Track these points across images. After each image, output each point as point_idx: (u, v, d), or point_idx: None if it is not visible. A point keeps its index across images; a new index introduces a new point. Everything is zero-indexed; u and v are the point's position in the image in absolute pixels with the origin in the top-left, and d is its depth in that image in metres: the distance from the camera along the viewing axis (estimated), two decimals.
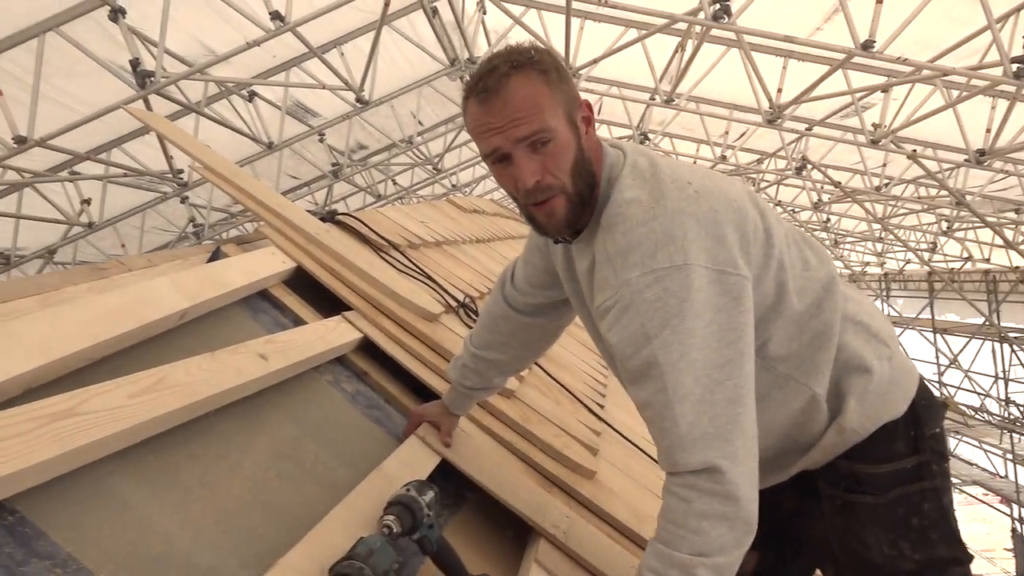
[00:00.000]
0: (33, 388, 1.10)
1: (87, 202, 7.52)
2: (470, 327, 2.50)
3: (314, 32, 6.27)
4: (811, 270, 1.35)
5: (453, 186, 12.99)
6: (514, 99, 1.19)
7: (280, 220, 2.24)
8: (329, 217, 2.56)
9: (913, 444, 1.35)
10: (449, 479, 1.71)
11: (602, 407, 2.80)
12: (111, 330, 1.24)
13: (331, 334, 1.83)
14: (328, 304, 2.06)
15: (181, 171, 7.60)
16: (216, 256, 1.96)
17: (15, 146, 5.56)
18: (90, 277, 1.57)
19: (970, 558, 1.37)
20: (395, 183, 11.92)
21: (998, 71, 5.50)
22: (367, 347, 1.99)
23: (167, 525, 1.09)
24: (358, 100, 7.31)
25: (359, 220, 2.63)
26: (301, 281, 2.10)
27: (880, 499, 1.35)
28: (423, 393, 1.97)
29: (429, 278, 2.57)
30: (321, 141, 8.97)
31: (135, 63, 5.38)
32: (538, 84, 1.21)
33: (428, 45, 7.62)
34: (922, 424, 1.36)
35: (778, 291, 1.28)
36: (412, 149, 9.95)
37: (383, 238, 2.67)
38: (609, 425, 2.63)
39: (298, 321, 1.92)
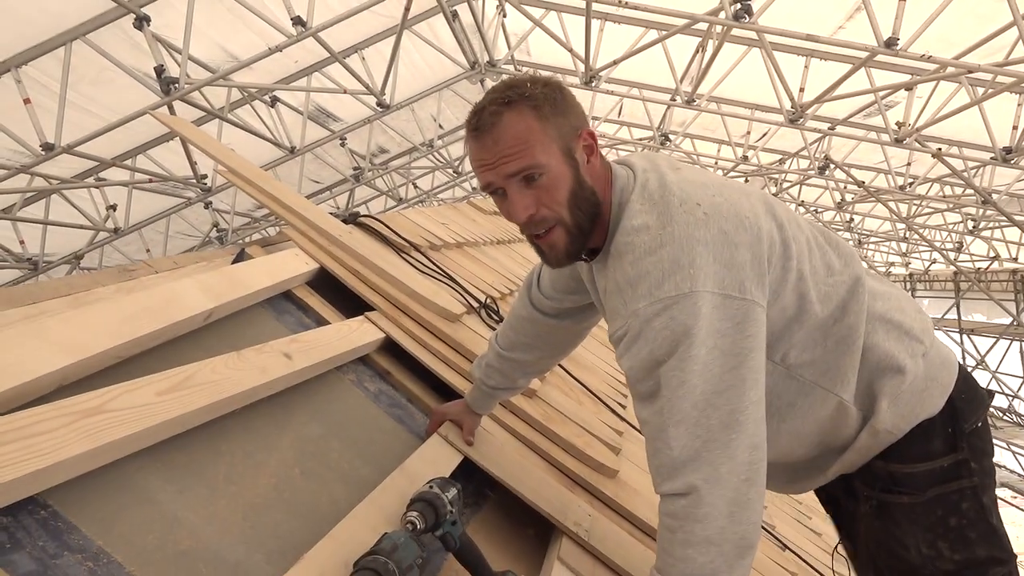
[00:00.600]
0: (64, 386, 1.12)
1: (113, 208, 7.63)
2: (491, 327, 2.51)
3: (335, 37, 6.32)
4: (835, 275, 1.33)
5: (474, 189, 13.01)
6: (504, 136, 1.22)
7: (303, 222, 2.26)
8: (351, 219, 2.58)
9: (951, 442, 1.33)
10: (471, 478, 1.72)
11: (624, 407, 2.80)
12: (139, 329, 1.26)
13: (354, 334, 1.85)
14: (351, 305, 2.08)
15: (205, 176, 7.69)
16: (240, 258, 1.98)
17: (43, 153, 5.65)
18: (118, 279, 1.59)
19: (1012, 556, 1.34)
20: (416, 186, 11.97)
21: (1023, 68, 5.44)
22: (389, 347, 2.00)
23: (194, 520, 1.10)
24: (379, 104, 7.35)
25: (380, 222, 2.65)
26: (324, 282, 2.12)
27: (917, 499, 1.33)
28: (445, 392, 1.98)
29: (450, 279, 2.58)
30: (342, 145, 9.04)
31: (159, 70, 5.46)
32: (529, 120, 1.22)
33: (448, 49, 7.66)
34: (960, 420, 1.34)
35: (799, 302, 1.27)
36: (432, 153, 9.99)
37: (404, 239, 2.68)
38: (631, 425, 2.63)
39: (321, 321, 1.94)
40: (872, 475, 1.37)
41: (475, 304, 2.55)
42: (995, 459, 1.41)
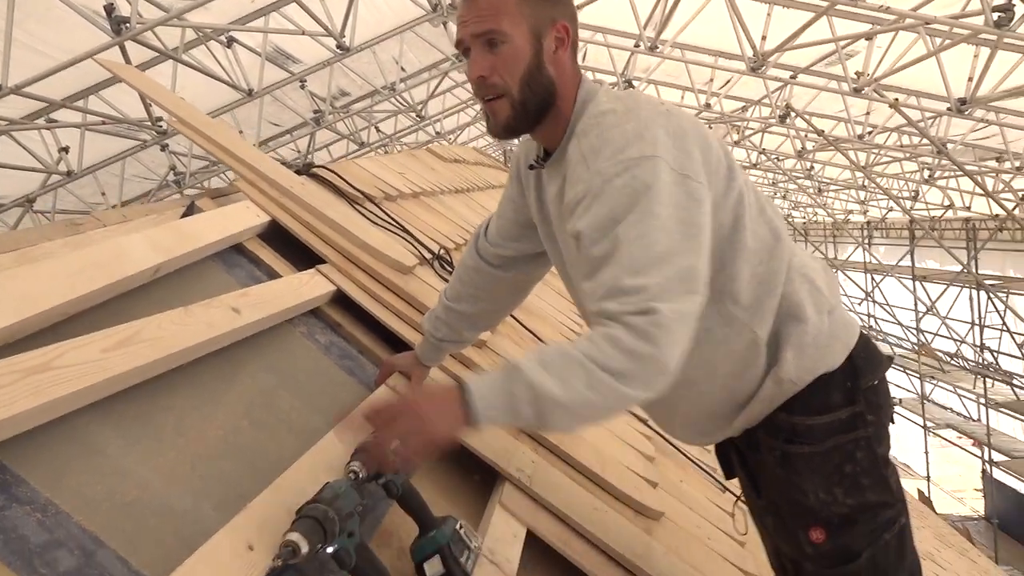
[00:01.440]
0: (11, 343, 1.15)
1: (65, 150, 7.44)
2: (444, 279, 2.55)
3: None
4: (766, 221, 1.41)
5: (437, 133, 12.89)
6: (483, 1, 1.34)
7: (255, 173, 2.26)
8: (304, 170, 2.59)
9: (850, 395, 1.40)
10: None
11: None
12: (86, 285, 1.29)
13: (304, 287, 1.88)
14: (303, 258, 2.11)
15: (160, 119, 7.52)
16: (190, 211, 1.99)
17: None
18: (65, 233, 1.60)
19: (900, 500, 1.44)
20: (378, 130, 11.82)
21: (980, 20, 5.51)
22: (341, 299, 2.04)
23: (142, 471, 1.15)
24: (339, 47, 7.22)
25: (334, 172, 2.65)
26: (276, 235, 2.14)
27: (816, 448, 1.40)
28: (396, 344, 2.03)
29: (404, 230, 2.61)
30: (302, 88, 8.87)
31: (109, 8, 5.30)
32: None
33: None
34: (859, 376, 1.41)
35: (735, 223, 1.35)
36: (395, 96, 9.86)
37: (358, 190, 2.70)
38: None
39: (272, 275, 1.97)
40: (776, 427, 1.44)
41: (428, 256, 2.58)
42: (943, 402, 1.48)
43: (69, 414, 1.10)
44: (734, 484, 1.79)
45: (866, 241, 17.45)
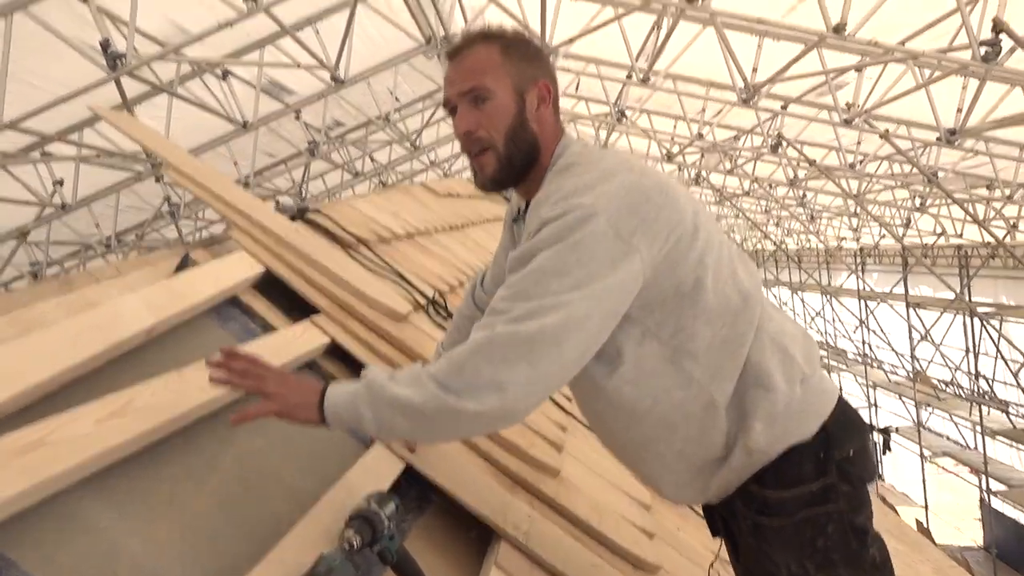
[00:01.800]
0: (7, 415, 1.14)
1: (60, 183, 7.45)
2: (439, 325, 2.55)
3: (288, 9, 6.22)
4: (737, 283, 1.40)
5: (432, 162, 12.95)
6: (468, 61, 1.43)
7: (248, 221, 2.27)
8: (299, 214, 2.59)
9: (822, 466, 1.37)
10: (413, 482, 1.76)
11: (569, 400, 2.87)
12: (80, 354, 1.28)
13: (299, 340, 1.87)
14: (297, 305, 2.10)
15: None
16: (185, 263, 1.99)
17: None
18: (58, 291, 1.59)
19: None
20: (372, 160, 11.87)
21: (967, 54, 5.57)
22: (335, 350, 2.03)
23: (134, 546, 1.14)
24: (333, 79, 7.26)
25: (328, 217, 2.66)
26: (270, 282, 2.13)
27: (786, 521, 1.37)
28: None
29: (399, 275, 2.61)
30: (297, 119, 8.91)
31: (105, 44, 5.31)
32: (493, 53, 1.43)
33: (403, 23, 7.57)
34: (832, 446, 1.38)
35: (696, 285, 1.34)
36: (389, 126, 9.90)
37: (352, 234, 2.70)
38: (575, 418, 2.70)
39: (267, 326, 1.96)
40: (749, 496, 1.42)
41: (423, 301, 2.58)
42: (939, 430, 1.43)
43: (61, 491, 1.08)
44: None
45: (859, 268, 17.52)
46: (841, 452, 1.39)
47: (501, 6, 6.70)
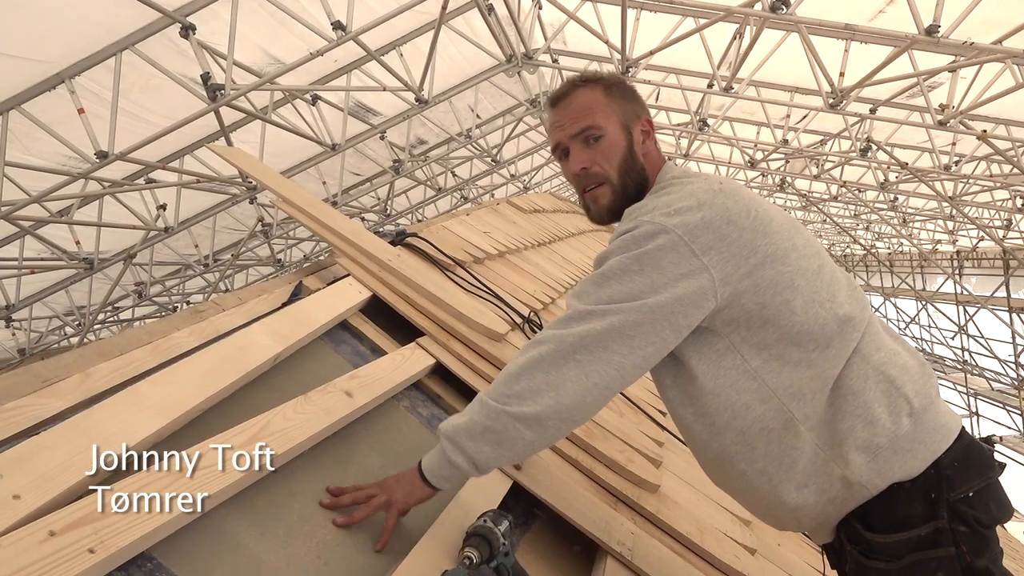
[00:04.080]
0: (159, 441, 1.25)
1: (163, 207, 7.87)
2: None
3: (373, 34, 6.43)
4: (836, 306, 1.40)
5: (512, 175, 13.09)
6: (574, 104, 1.54)
7: (354, 248, 2.37)
8: (398, 239, 2.69)
9: (932, 508, 1.31)
10: (520, 498, 1.83)
11: (664, 414, 2.88)
12: (219, 383, 1.39)
13: (407, 363, 1.96)
14: (401, 328, 2.20)
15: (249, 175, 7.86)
16: (298, 290, 2.10)
17: (97, 161, 5.86)
18: (191, 321, 1.72)
19: None
20: (454, 175, 12.08)
21: None
22: (439, 370, 2.11)
23: (276, 562, 1.23)
24: (417, 99, 7.46)
25: (426, 241, 2.75)
26: (376, 307, 2.23)
27: (892, 565, 1.32)
28: None
29: (494, 295, 2.69)
30: (382, 139, 9.16)
31: (206, 77, 5.61)
32: (597, 94, 1.53)
33: (484, 42, 7.72)
34: (944, 488, 1.32)
35: (782, 306, 1.36)
36: (470, 142, 10.08)
37: (449, 256, 2.79)
38: (671, 433, 2.71)
39: (375, 349, 2.06)
40: (854, 534, 1.39)
41: (519, 320, 2.65)
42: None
43: (211, 510, 1.18)
44: None
45: (957, 272, 16.82)
46: (955, 493, 1.32)
47: (580, 22, 6.75)
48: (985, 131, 6.93)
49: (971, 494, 1.33)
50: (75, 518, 0.98)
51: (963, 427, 1.44)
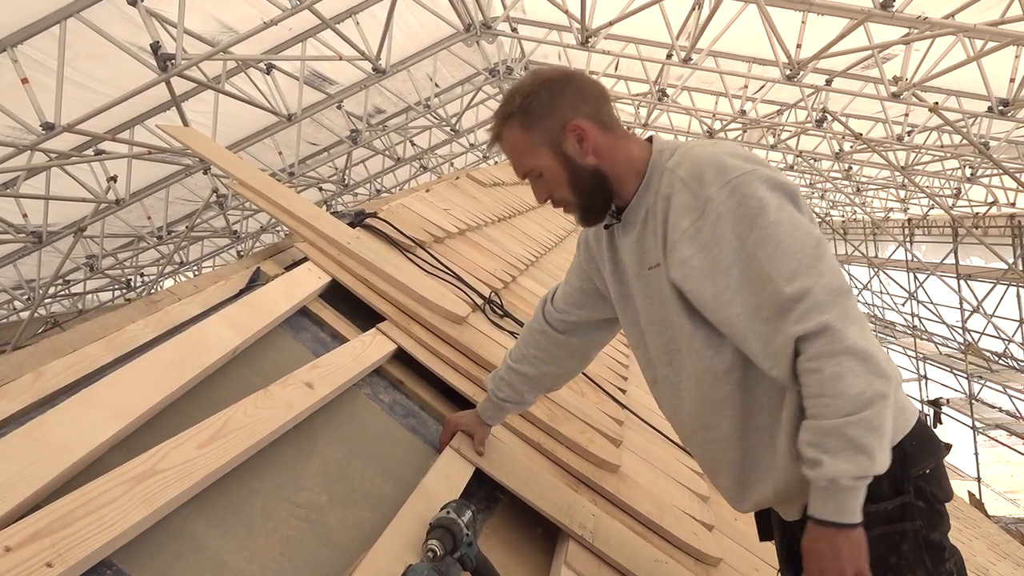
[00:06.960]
0: (116, 444, 1.23)
1: (113, 179, 7.67)
2: (496, 324, 2.61)
3: (329, 2, 6.29)
4: None
5: (471, 144, 13.00)
6: (505, 148, 1.55)
7: (313, 232, 2.35)
8: (358, 220, 2.66)
9: (899, 485, 1.37)
10: (483, 483, 1.84)
11: (624, 392, 2.92)
12: (176, 380, 1.37)
13: (368, 350, 1.95)
14: (361, 312, 2.18)
15: None
16: (256, 276, 2.07)
17: (43, 132, 5.68)
18: (146, 312, 1.68)
19: None
20: (413, 144, 11.96)
21: (1021, 25, 5.44)
22: (400, 355, 2.11)
23: (238, 561, 1.22)
24: (375, 69, 7.33)
25: (386, 221, 2.73)
26: (336, 291, 2.21)
27: None
28: (454, 396, 2.09)
29: (456, 276, 2.68)
30: (339, 109, 9.01)
31: (156, 47, 5.44)
32: (516, 133, 1.51)
33: (442, 10, 7.60)
34: (909, 465, 1.38)
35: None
36: (429, 112, 9.97)
37: (409, 237, 2.77)
38: (631, 412, 2.75)
39: (336, 335, 2.04)
40: None
41: (479, 301, 2.65)
42: (992, 401, 1.39)
43: (171, 513, 1.17)
44: None
45: (908, 240, 17.19)
46: (917, 470, 1.39)
47: None
48: (937, 103, 7.04)
49: (927, 471, 1.41)
50: (31, 531, 0.96)
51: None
